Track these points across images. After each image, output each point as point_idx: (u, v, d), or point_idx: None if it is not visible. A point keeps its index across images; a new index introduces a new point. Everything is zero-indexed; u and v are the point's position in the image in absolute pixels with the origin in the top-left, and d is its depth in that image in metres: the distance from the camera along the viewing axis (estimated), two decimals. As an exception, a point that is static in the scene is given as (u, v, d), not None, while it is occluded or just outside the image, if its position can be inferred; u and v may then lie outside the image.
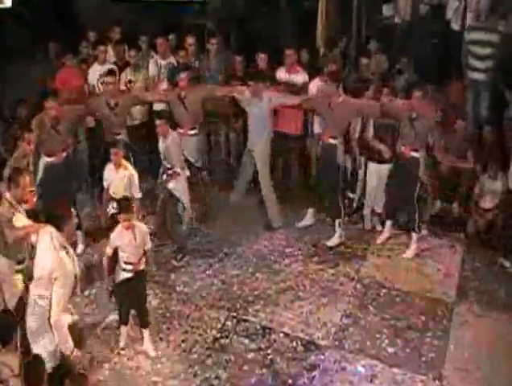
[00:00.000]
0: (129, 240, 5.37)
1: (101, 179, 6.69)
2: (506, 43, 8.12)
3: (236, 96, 7.37)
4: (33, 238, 4.97)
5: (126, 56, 8.43)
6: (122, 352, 5.60)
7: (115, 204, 6.26)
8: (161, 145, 6.74)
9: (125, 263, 5.40)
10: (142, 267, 5.48)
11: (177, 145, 6.66)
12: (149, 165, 8.58)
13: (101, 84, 7.80)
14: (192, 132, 7.31)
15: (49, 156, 6.73)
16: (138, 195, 6.51)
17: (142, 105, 8.06)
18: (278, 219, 7.48)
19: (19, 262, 5.19)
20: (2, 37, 8.34)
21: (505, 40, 8.10)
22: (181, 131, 7.08)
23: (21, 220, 5.15)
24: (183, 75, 7.23)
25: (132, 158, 6.95)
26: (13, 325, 4.18)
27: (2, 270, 5.12)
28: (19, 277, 5.14)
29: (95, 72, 8.11)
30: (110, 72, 7.50)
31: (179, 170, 6.66)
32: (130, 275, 5.41)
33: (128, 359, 5.54)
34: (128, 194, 6.24)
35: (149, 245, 5.54)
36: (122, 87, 8.11)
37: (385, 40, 9.02)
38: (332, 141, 6.95)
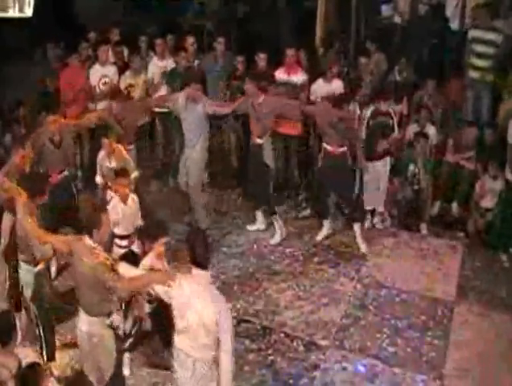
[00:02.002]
0: (124, 212, 5.56)
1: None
2: (507, 42, 8.13)
3: (169, 106, 7.23)
4: None
5: (126, 58, 8.46)
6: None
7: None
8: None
9: (121, 238, 5.55)
10: (136, 245, 5.67)
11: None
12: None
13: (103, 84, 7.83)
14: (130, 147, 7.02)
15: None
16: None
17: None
18: (206, 222, 7.30)
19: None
20: (2, 38, 8.34)
21: (507, 40, 8.11)
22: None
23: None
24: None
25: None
26: (12, 326, 4.18)
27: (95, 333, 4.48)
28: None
29: (96, 73, 8.13)
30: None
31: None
32: (125, 251, 5.58)
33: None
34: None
35: (139, 222, 5.72)
36: (123, 90, 8.14)
37: (384, 40, 9.03)
38: (258, 140, 6.98)
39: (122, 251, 5.67)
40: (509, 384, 5.30)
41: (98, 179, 6.59)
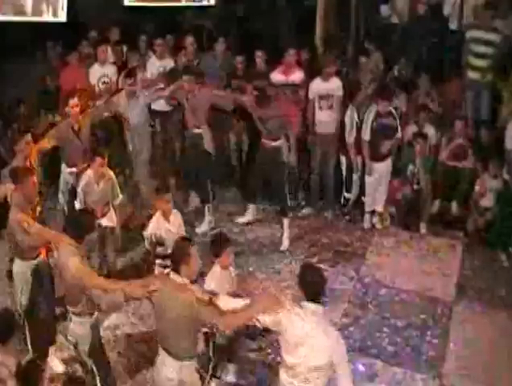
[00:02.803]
0: (168, 230, 5.38)
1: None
2: (506, 42, 8.13)
3: (116, 110, 7.26)
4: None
5: (125, 56, 8.46)
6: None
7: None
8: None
9: (165, 258, 5.27)
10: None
11: None
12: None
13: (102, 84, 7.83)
14: None
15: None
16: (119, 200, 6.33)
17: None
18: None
19: None
20: (2, 36, 8.34)
21: (506, 40, 8.11)
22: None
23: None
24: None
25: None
26: (12, 324, 4.17)
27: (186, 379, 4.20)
28: None
29: (95, 72, 8.13)
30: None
31: None
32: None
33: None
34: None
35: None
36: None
37: (383, 40, 9.04)
38: (196, 130, 7.20)
39: (166, 271, 5.28)
40: (509, 383, 5.31)
41: (79, 206, 6.14)
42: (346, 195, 7.82)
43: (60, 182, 6.80)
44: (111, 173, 6.27)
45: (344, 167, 7.71)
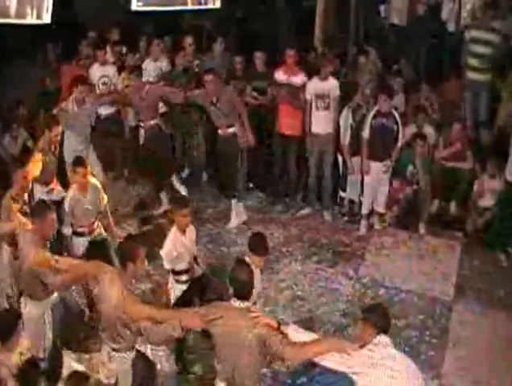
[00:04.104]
0: (185, 244, 5.14)
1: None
2: (505, 42, 8.14)
3: (61, 117, 7.06)
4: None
5: (124, 57, 8.48)
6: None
7: None
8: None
9: (180, 273, 5.13)
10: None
11: None
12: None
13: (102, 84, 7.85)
14: None
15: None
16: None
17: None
18: None
19: None
20: (2, 38, 8.36)
21: (505, 40, 8.13)
22: None
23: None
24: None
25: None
26: (13, 324, 4.18)
27: None
28: None
29: (95, 73, 8.14)
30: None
31: None
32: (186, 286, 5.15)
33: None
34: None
35: (196, 251, 5.30)
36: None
37: (382, 41, 9.05)
38: (152, 122, 7.58)
39: (184, 287, 5.21)
40: (508, 383, 5.32)
41: (67, 231, 5.87)
42: (342, 194, 7.83)
43: None
44: (93, 179, 6.03)
45: (340, 166, 7.72)
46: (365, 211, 7.51)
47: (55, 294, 4.86)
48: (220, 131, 7.37)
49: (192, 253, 5.32)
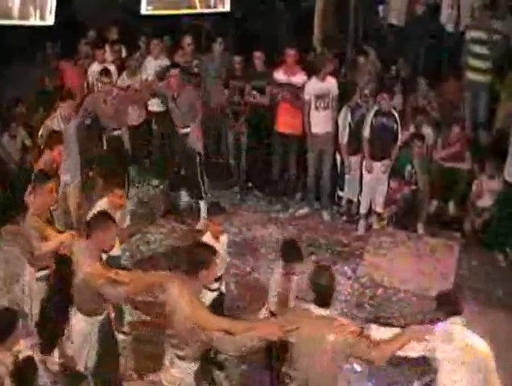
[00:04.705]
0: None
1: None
2: (505, 43, 8.16)
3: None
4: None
5: (123, 56, 8.48)
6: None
7: None
8: None
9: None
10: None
11: None
12: (149, 165, 8.66)
13: (99, 82, 7.83)
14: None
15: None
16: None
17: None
18: None
19: None
20: (1, 37, 8.35)
21: (504, 40, 8.14)
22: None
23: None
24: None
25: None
26: (11, 322, 4.18)
27: None
28: None
29: (94, 71, 8.14)
30: (105, 72, 7.50)
31: None
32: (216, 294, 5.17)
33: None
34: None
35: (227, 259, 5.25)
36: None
37: (381, 41, 9.06)
38: (115, 133, 7.47)
39: (215, 294, 5.16)
40: (506, 383, 5.31)
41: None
42: (340, 193, 7.84)
43: None
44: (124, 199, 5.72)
45: (338, 166, 7.73)
46: (363, 210, 7.52)
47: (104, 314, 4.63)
48: (178, 130, 7.45)
49: (225, 261, 5.24)
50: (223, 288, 5.39)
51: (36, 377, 4.04)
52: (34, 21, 6.09)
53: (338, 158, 7.71)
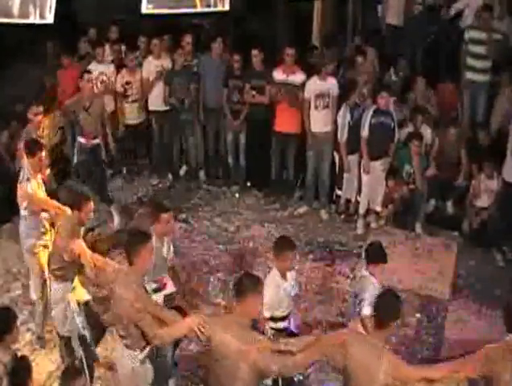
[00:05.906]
0: (285, 289, 4.81)
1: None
2: (503, 43, 8.16)
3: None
4: None
5: (123, 56, 8.48)
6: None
7: None
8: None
9: (277, 320, 4.79)
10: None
11: None
12: (149, 163, 8.67)
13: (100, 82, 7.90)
14: None
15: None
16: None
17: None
18: None
19: None
20: (1, 35, 8.37)
21: (503, 40, 8.14)
22: None
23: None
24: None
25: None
26: (10, 322, 4.19)
27: None
28: None
29: (93, 71, 8.12)
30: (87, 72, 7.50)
31: None
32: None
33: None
34: None
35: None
36: (119, 88, 8.17)
37: (380, 41, 9.06)
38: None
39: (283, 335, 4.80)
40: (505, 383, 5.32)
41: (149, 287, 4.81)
42: (338, 192, 7.85)
43: None
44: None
45: (337, 164, 7.74)
46: (362, 210, 7.53)
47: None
48: (82, 140, 7.41)
49: (291, 297, 4.92)
50: (293, 328, 5.07)
51: (31, 377, 4.05)
52: (34, 19, 6.09)
53: (336, 156, 7.73)
